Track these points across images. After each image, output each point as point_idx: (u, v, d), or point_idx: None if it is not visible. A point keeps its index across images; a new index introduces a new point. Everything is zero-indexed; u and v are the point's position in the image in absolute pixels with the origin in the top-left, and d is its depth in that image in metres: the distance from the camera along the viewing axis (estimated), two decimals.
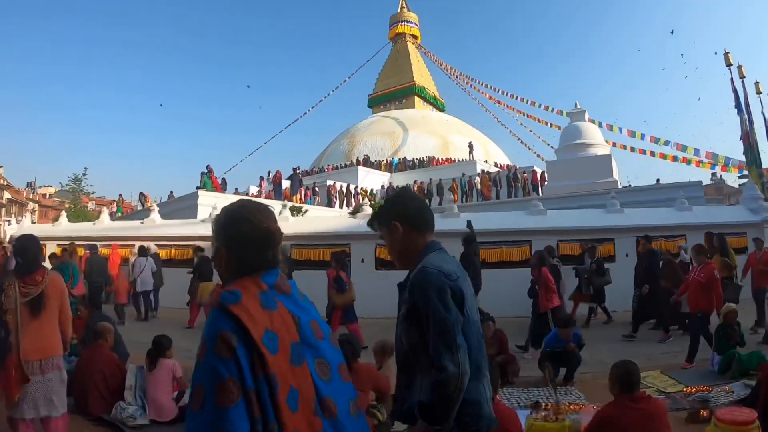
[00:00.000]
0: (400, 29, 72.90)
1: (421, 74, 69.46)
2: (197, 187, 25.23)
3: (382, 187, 36.47)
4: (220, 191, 26.60)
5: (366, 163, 46.83)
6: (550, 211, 16.81)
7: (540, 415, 5.45)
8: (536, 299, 10.38)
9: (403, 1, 75.82)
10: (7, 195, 60.70)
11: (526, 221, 15.83)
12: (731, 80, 27.33)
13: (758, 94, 27.28)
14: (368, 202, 24.86)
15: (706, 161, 32.95)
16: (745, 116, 26.95)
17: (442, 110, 69.93)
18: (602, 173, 27.33)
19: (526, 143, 61.46)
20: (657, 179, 36.27)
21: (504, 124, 62.90)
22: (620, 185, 27.82)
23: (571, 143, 29.08)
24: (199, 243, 14.37)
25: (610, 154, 29.09)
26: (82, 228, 20.63)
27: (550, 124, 47.58)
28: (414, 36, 73.66)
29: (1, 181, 61.34)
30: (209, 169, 26.15)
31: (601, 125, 33.16)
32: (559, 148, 30.10)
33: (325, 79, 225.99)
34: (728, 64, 28.03)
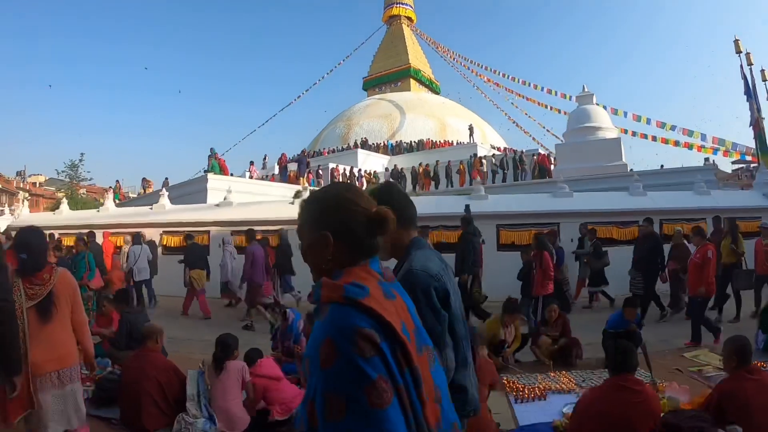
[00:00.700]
0: (395, 11, 72.14)
1: (417, 57, 68.93)
2: (204, 171, 24.61)
3: (386, 169, 35.88)
4: (228, 174, 25.99)
5: (364, 146, 46.27)
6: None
7: None
8: (527, 282, 10.58)
9: None
10: None
11: (552, 203, 15.77)
12: (741, 67, 27.50)
13: (764, 81, 27.54)
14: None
15: (709, 146, 33.00)
16: (755, 103, 27.08)
17: (438, 93, 69.55)
18: (612, 157, 27.25)
19: (522, 126, 61.47)
20: (661, 165, 36.37)
21: (500, 108, 62.83)
22: (629, 169, 27.66)
23: (579, 126, 28.84)
24: (249, 228, 13.55)
25: (619, 138, 28.97)
26: (86, 216, 19.98)
27: (549, 107, 47.45)
28: (409, 18, 72.96)
29: None
30: (213, 152, 25.48)
31: (605, 108, 32.91)
32: (567, 132, 29.85)
33: (319, 64, 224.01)
34: (738, 51, 28.19)
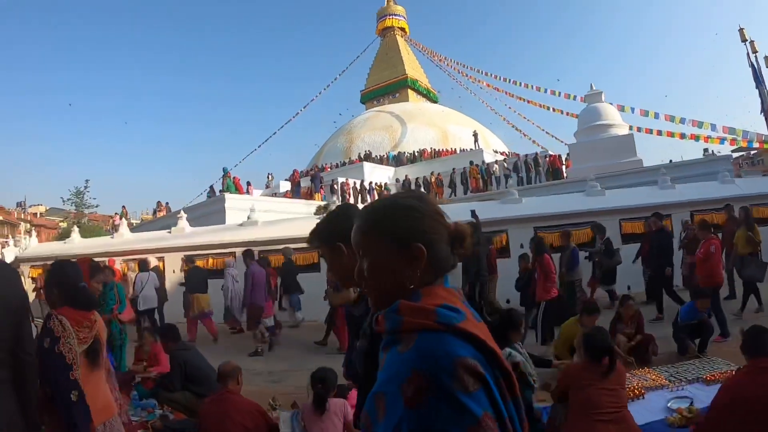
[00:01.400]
0: (388, 23, 72.14)
1: (413, 67, 68.89)
2: (220, 191, 24.26)
3: (396, 180, 35.57)
4: (243, 193, 25.66)
5: (368, 158, 46.05)
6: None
7: None
8: (526, 290, 10.56)
9: None
10: None
11: (586, 203, 15.53)
12: (747, 56, 27.55)
13: None
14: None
15: (716, 136, 32.86)
16: (766, 89, 27.09)
17: (436, 102, 69.47)
18: (626, 153, 27.24)
19: (521, 130, 61.29)
20: (670, 159, 36.27)
21: (498, 113, 62.73)
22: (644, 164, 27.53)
23: (590, 125, 28.81)
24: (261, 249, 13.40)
25: (631, 134, 28.92)
26: (99, 243, 19.20)
27: (552, 109, 47.25)
28: (402, 29, 73.04)
29: None
30: (226, 171, 25.19)
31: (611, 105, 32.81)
32: (578, 131, 29.75)
33: (314, 81, 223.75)
34: (743, 40, 28.28)
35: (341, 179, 33.44)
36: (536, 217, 14.31)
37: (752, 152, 48.37)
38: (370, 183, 33.86)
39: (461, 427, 1.05)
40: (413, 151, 47.90)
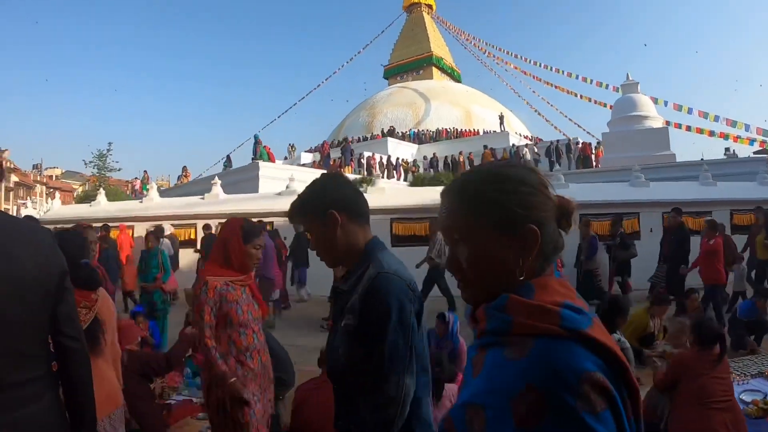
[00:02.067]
0: None
1: (438, 44, 68.16)
2: (252, 158, 24.09)
3: (424, 158, 35.28)
4: (274, 161, 25.52)
5: (392, 134, 45.72)
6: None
7: None
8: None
9: None
10: (14, 178, 58.43)
11: (632, 193, 15.54)
12: None
13: None
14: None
15: (745, 136, 32.46)
16: None
17: (459, 81, 68.79)
18: (659, 146, 27.00)
19: (543, 115, 60.72)
20: (702, 157, 35.80)
21: (521, 96, 62.19)
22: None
23: (625, 115, 28.52)
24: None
25: (666, 127, 28.64)
26: (127, 207, 18.56)
27: (580, 96, 46.77)
28: (429, 5, 72.09)
29: (8, 164, 59.40)
30: (257, 139, 24.99)
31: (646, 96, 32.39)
32: (612, 120, 29.45)
33: (337, 54, 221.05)
34: None
35: (367, 153, 33.22)
36: (585, 204, 14.09)
37: None
38: (397, 159, 33.62)
39: None
40: (436, 129, 47.58)
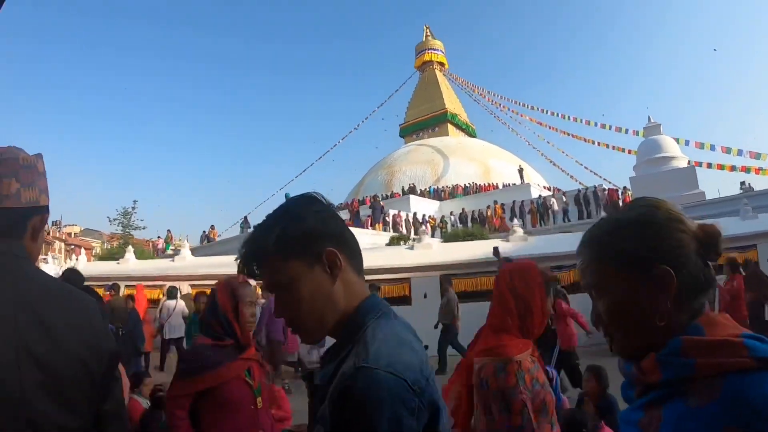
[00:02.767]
0: (426, 57, 73.18)
1: (451, 101, 69.47)
2: None
3: (451, 214, 35.22)
4: None
5: (413, 192, 45.95)
6: None
7: None
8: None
9: (428, 30, 76.52)
10: None
11: None
12: None
13: None
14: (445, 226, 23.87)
15: (764, 168, 32.27)
16: None
17: (474, 136, 69.68)
18: (688, 185, 27.03)
19: (558, 165, 60.77)
20: (719, 193, 35.73)
21: (536, 148, 62.33)
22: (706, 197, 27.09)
23: (651, 157, 28.77)
24: None
25: (693, 167, 28.53)
26: (158, 266, 18.23)
27: (597, 143, 46.89)
28: (441, 63, 73.94)
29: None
30: (288, 197, 25.22)
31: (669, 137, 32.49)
32: (638, 164, 29.71)
33: (351, 116, 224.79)
34: None
35: (392, 211, 33.30)
36: None
37: None
38: (423, 215, 33.66)
39: None
40: (453, 185, 47.88)
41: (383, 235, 25.93)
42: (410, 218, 32.27)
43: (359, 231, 25.45)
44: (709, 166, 34.93)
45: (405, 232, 30.87)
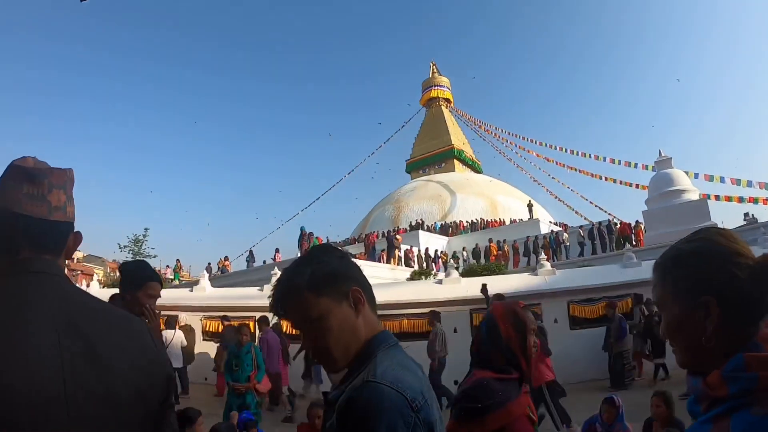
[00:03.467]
0: (433, 93, 74.00)
1: (458, 137, 69.95)
2: (300, 251, 24.25)
3: (463, 249, 35.25)
4: None
5: (421, 227, 46.01)
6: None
7: None
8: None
9: (434, 67, 77.58)
10: None
11: None
12: None
13: None
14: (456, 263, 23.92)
15: None
16: None
17: (480, 172, 70.00)
18: (700, 218, 26.91)
19: (564, 201, 60.76)
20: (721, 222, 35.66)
21: (541, 184, 62.46)
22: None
23: (663, 191, 28.84)
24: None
25: (705, 199, 28.63)
26: (175, 295, 17.51)
27: (605, 178, 47.09)
28: (447, 100, 74.77)
29: None
30: (303, 230, 25.39)
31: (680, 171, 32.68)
32: (650, 198, 29.74)
33: (358, 150, 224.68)
34: None
35: (404, 247, 33.32)
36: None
37: None
38: (436, 251, 33.69)
39: None
40: (461, 221, 48.01)
41: (400, 269, 25.90)
42: (422, 253, 32.26)
43: (376, 265, 25.53)
44: (717, 198, 35.11)
45: (417, 267, 30.89)
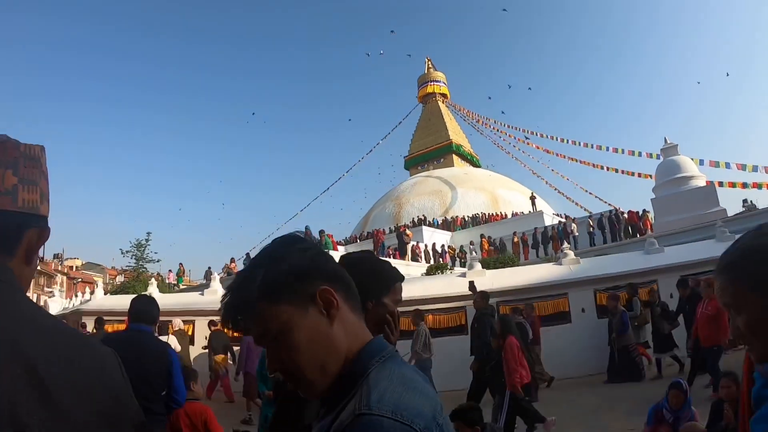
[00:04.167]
0: (429, 89, 73.69)
1: (455, 132, 69.76)
2: None
3: (470, 243, 35.13)
4: (337, 250, 25.59)
5: (423, 223, 45.95)
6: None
7: None
8: (498, 372, 8.05)
9: (429, 62, 77.26)
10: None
11: (718, 249, 14.80)
12: None
13: None
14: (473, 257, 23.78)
15: None
16: None
17: (479, 166, 69.95)
18: (709, 204, 27.01)
19: (563, 192, 60.66)
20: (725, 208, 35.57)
21: (540, 176, 62.41)
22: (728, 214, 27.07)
23: (670, 178, 28.88)
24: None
25: (713, 185, 28.61)
26: (186, 300, 17.54)
27: (606, 168, 47.03)
28: (443, 95, 74.50)
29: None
30: (308, 230, 25.29)
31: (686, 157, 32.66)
32: (657, 185, 29.77)
33: (355, 149, 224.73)
34: None
35: (411, 242, 33.24)
36: (680, 266, 13.63)
37: None
38: (442, 245, 33.61)
39: None
40: (458, 216, 48.08)
41: (414, 265, 25.87)
42: (429, 249, 32.19)
43: (390, 262, 25.37)
44: (720, 184, 35.06)
45: (425, 262, 30.84)
